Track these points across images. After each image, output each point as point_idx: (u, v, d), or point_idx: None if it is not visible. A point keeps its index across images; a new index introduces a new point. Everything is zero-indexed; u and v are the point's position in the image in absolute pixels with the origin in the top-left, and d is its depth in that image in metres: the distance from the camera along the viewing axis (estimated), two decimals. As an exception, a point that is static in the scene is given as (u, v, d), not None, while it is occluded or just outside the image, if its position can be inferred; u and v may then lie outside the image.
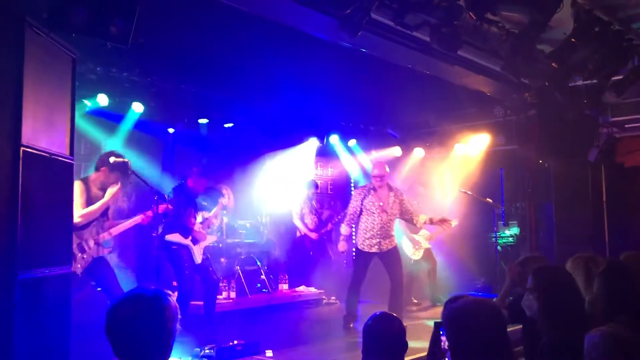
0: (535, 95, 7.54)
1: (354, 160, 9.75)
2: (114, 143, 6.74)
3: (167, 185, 6.89)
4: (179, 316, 2.13)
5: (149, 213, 5.19)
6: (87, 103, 6.51)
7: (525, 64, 5.72)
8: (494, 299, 3.83)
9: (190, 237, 6.22)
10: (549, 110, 7.83)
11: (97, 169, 4.93)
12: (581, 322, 2.52)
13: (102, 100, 6.58)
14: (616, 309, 2.81)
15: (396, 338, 2.74)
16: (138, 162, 6.53)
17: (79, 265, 4.78)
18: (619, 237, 8.19)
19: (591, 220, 8.27)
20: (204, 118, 7.74)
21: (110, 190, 4.83)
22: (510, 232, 8.92)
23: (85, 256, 4.83)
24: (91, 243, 4.88)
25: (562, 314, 2.63)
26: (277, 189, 8.70)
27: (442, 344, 2.60)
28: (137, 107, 7.03)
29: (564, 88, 6.85)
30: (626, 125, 8.38)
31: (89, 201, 4.76)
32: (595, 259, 3.87)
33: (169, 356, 2.09)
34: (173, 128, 7.71)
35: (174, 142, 7.90)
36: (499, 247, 8.63)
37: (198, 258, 6.23)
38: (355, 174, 10.13)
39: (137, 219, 5.20)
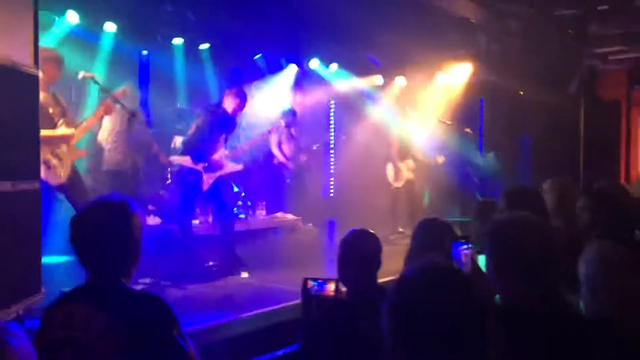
0: (520, 22, 7.38)
1: (336, 86, 9.58)
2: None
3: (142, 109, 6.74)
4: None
5: (109, 102, 4.98)
6: (56, 18, 6.21)
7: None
8: None
9: (202, 164, 5.79)
10: (533, 39, 7.70)
11: None
12: None
13: (72, 17, 6.28)
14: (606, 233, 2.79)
15: (372, 254, 2.76)
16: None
17: (61, 174, 4.68)
18: (594, 171, 8.29)
19: (568, 153, 8.34)
20: (178, 38, 7.45)
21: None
22: (487, 162, 8.95)
23: (63, 163, 4.72)
24: (64, 148, 4.76)
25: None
26: (256, 116, 8.54)
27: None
28: (110, 27, 6.74)
29: (549, 16, 6.70)
30: (609, 58, 8.31)
31: None
32: (571, 186, 3.95)
33: (135, 266, 2.06)
34: (146, 49, 7.45)
35: (148, 63, 7.64)
36: (476, 179, 8.70)
37: (205, 185, 5.82)
38: (336, 100, 10.00)
39: (99, 112, 5.01)
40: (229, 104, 5.85)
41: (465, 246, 2.88)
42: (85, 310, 1.89)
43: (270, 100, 8.96)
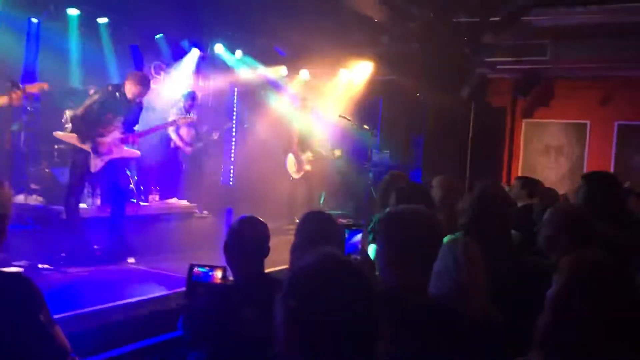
0: (420, 26, 7.68)
1: (240, 73, 9.45)
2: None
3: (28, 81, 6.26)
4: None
5: (18, 93, 4.58)
6: None
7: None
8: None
9: (90, 144, 5.50)
10: (431, 43, 8.04)
11: None
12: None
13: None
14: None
15: (259, 241, 2.74)
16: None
17: None
18: (479, 171, 8.82)
19: (457, 154, 8.80)
20: (74, 9, 7.02)
21: None
22: (382, 159, 9.26)
23: None
24: None
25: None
26: (156, 100, 8.24)
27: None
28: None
29: (447, 22, 7.03)
30: (498, 67, 8.86)
31: None
32: (456, 183, 4.23)
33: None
34: (36, 18, 6.94)
35: (38, 34, 7.12)
36: (370, 175, 8.95)
37: (93, 167, 5.57)
38: (240, 88, 9.89)
39: (2, 100, 4.60)
40: (129, 89, 5.60)
41: (359, 234, 3.02)
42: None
43: (171, 83, 8.70)
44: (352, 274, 1.38)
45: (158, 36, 8.24)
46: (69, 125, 6.19)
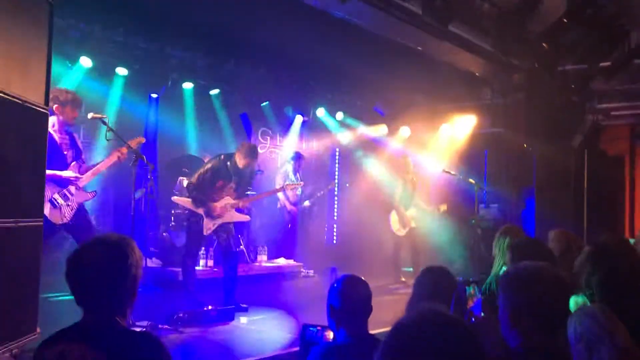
0: (524, 77, 7.50)
1: (341, 134, 9.68)
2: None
3: (148, 151, 6.80)
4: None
5: (124, 150, 5.01)
6: (70, 64, 6.39)
7: (515, 43, 5.67)
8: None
9: (203, 209, 5.83)
10: (536, 94, 7.81)
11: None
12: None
13: (86, 62, 6.47)
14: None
15: (363, 300, 2.70)
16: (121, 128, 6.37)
17: (66, 214, 4.70)
18: (597, 224, 8.25)
19: (572, 206, 8.31)
20: (189, 82, 7.60)
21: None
22: (490, 213, 8.92)
23: (70, 203, 4.74)
24: (72, 189, 4.79)
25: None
26: (261, 163, 8.61)
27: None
28: (122, 71, 6.92)
29: (553, 71, 6.82)
30: (612, 113, 8.39)
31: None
32: (576, 237, 3.94)
33: (131, 303, 2.02)
34: (156, 93, 7.58)
35: (157, 107, 7.76)
36: (479, 230, 8.64)
37: (206, 230, 5.88)
38: (341, 148, 10.09)
39: (113, 157, 5.04)
40: (239, 159, 5.93)
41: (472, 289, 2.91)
42: (78, 349, 1.85)
43: (277, 148, 9.10)
44: (458, 331, 1.30)
45: (264, 104, 8.67)
46: (184, 191, 6.61)
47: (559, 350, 1.87)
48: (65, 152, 4.83)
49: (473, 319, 3.14)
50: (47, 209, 4.41)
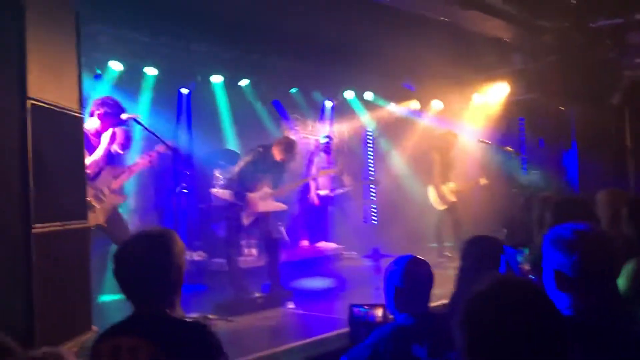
0: (555, 37, 7.27)
1: (371, 113, 9.62)
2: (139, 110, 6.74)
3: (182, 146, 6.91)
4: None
5: (154, 153, 5.11)
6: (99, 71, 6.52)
7: (542, 2, 5.49)
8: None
9: (242, 200, 5.88)
10: (570, 54, 7.57)
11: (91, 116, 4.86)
12: None
13: (116, 66, 6.61)
14: None
15: (429, 279, 2.70)
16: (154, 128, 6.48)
17: (100, 217, 4.82)
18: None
19: (614, 166, 8.07)
20: (218, 75, 7.67)
21: (106, 135, 4.80)
22: (532, 180, 8.74)
23: (104, 205, 4.86)
24: (106, 191, 4.90)
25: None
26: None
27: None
28: (151, 71, 7.03)
29: (585, 28, 6.59)
30: (651, 66, 8.07)
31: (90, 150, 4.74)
32: (626, 196, 3.79)
33: (178, 293, 2.08)
34: (186, 89, 7.67)
35: (189, 102, 7.85)
36: (522, 198, 8.49)
37: (245, 220, 5.96)
38: (372, 130, 10.04)
39: (144, 161, 5.15)
40: (277, 153, 6.04)
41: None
42: (131, 342, 1.92)
43: (308, 134, 9.11)
44: (536, 296, 1.33)
45: (293, 90, 8.68)
46: (222, 183, 6.72)
47: (608, 313, 1.84)
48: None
49: None
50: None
